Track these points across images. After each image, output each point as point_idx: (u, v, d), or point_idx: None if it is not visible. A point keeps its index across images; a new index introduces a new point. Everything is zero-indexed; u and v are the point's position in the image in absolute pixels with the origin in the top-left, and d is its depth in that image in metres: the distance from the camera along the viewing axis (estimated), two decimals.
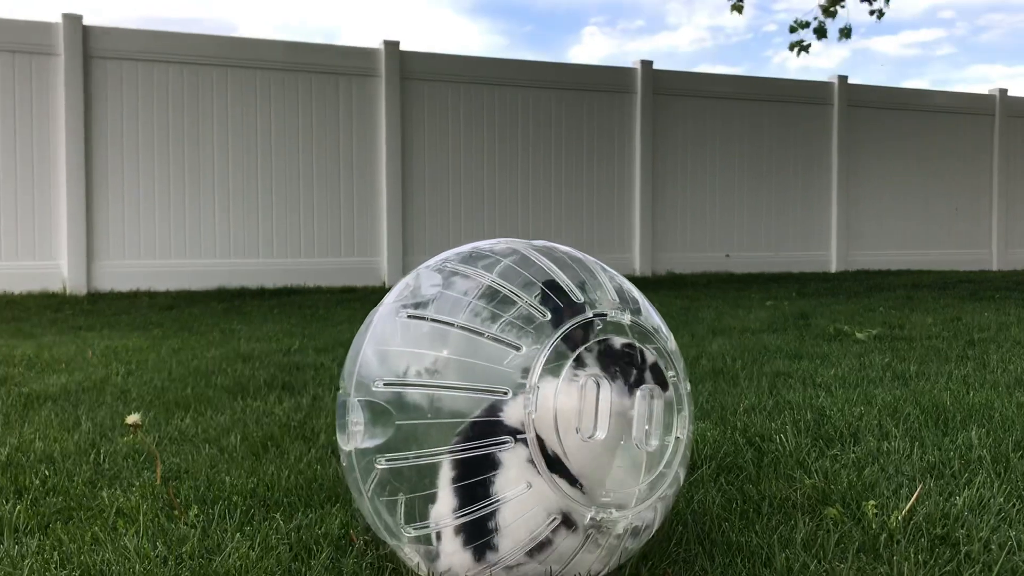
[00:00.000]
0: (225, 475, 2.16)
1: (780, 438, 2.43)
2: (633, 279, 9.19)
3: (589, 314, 1.46)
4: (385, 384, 1.44)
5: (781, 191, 10.51)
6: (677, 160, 9.99)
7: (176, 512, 1.89)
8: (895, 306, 6.11)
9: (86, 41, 7.62)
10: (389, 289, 1.62)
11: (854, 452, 2.30)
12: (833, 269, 10.66)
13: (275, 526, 1.80)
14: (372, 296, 7.31)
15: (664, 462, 1.48)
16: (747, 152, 10.34)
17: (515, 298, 1.46)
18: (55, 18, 7.57)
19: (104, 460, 2.33)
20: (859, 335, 4.54)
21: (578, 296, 1.48)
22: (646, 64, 9.74)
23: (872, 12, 10.12)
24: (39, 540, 1.74)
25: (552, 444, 1.39)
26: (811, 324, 5.10)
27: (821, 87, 10.68)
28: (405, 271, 8.75)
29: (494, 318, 1.44)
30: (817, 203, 10.67)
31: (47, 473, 2.20)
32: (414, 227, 8.81)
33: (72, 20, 7.55)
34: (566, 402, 1.40)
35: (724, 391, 3.16)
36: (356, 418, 1.48)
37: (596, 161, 9.63)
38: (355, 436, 1.48)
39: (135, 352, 4.22)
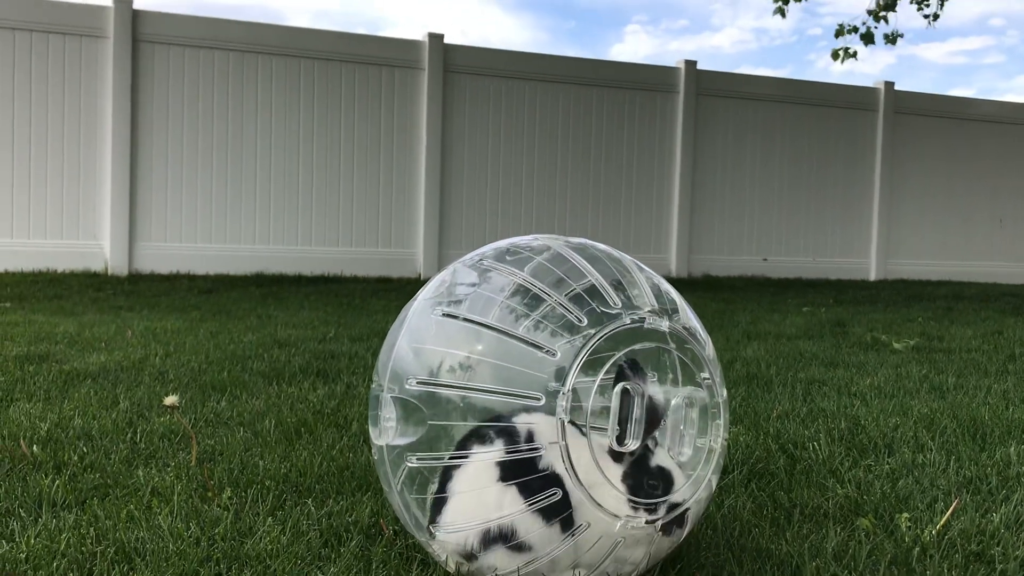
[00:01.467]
0: (259, 459, 2.19)
1: (813, 446, 2.41)
2: (669, 280, 9.12)
3: (626, 320, 1.45)
4: (418, 382, 1.44)
5: (821, 196, 10.39)
6: (717, 161, 9.92)
7: (210, 494, 1.92)
8: (934, 317, 6.02)
9: (135, 25, 7.73)
10: (424, 280, 1.62)
11: (888, 463, 2.27)
12: (872, 277, 10.53)
13: (306, 512, 1.82)
14: (407, 287, 7.34)
15: (697, 472, 1.47)
16: (788, 156, 10.24)
17: (550, 300, 1.45)
18: (106, 1, 7.68)
19: (141, 439, 2.37)
20: (896, 345, 4.48)
21: (615, 300, 1.47)
22: (690, 64, 9.68)
23: (926, 16, 9.97)
24: (76, 515, 1.78)
25: (584, 452, 1.38)
26: (848, 332, 5.04)
27: (866, 92, 10.54)
28: (441, 263, 8.80)
29: (529, 320, 1.43)
30: (857, 210, 10.54)
31: (85, 450, 2.24)
32: (451, 220, 8.83)
33: (122, 4, 7.65)
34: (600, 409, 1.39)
35: (758, 396, 3.14)
36: (388, 414, 1.48)
37: (635, 160, 9.59)
38: (387, 432, 1.49)
39: (173, 334, 4.28)
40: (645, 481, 1.41)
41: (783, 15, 9.77)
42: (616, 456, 1.40)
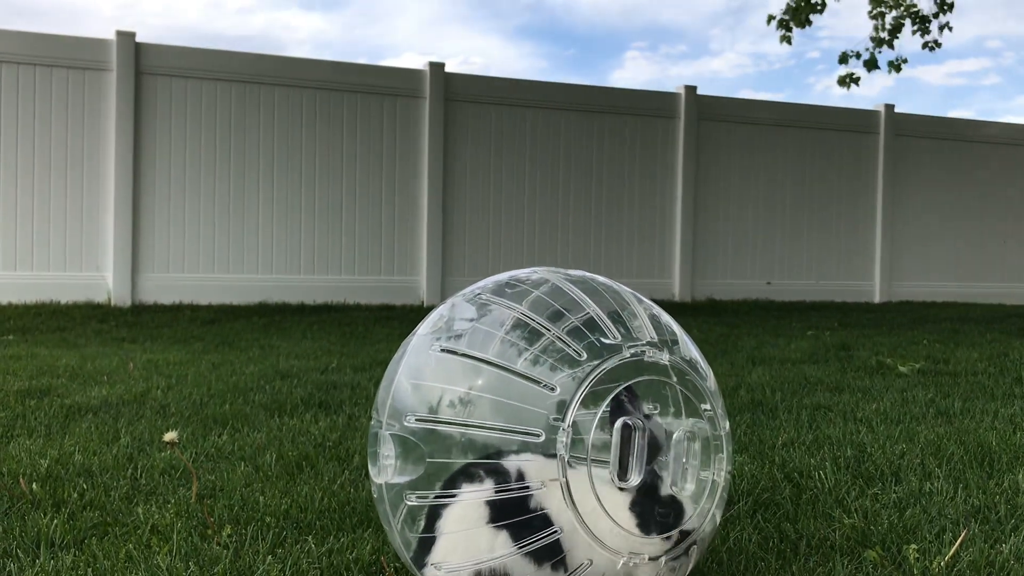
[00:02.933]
0: (259, 495, 2.17)
1: (819, 475, 2.39)
2: (672, 304, 9.14)
3: (626, 354, 1.44)
4: (417, 420, 1.43)
5: (824, 219, 10.39)
6: (719, 186, 9.93)
7: (210, 531, 1.90)
8: (940, 339, 5.99)
9: (138, 58, 7.78)
10: (427, 308, 1.61)
11: (895, 492, 2.25)
12: (876, 299, 10.50)
13: (307, 550, 1.80)
14: (410, 315, 7.33)
15: (701, 506, 1.46)
16: (790, 179, 10.25)
17: (549, 334, 1.44)
18: (109, 35, 7.74)
19: (141, 475, 2.35)
20: (902, 368, 4.45)
21: (615, 334, 1.46)
22: (690, 89, 9.71)
23: (926, 45, 10.04)
24: (74, 555, 1.76)
25: (585, 488, 1.37)
26: (853, 356, 5.02)
27: (867, 115, 10.56)
28: (444, 291, 8.80)
29: (528, 354, 1.42)
30: (861, 232, 10.53)
31: (85, 487, 2.22)
32: (454, 247, 8.84)
33: (125, 37, 7.71)
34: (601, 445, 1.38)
35: (763, 424, 3.12)
36: (388, 451, 1.47)
37: (637, 185, 9.60)
38: (386, 470, 1.47)
39: (176, 366, 4.27)
40: (655, 510, 1.39)
41: (789, 42, 9.90)
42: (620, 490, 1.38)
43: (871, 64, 9.94)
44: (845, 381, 4.10)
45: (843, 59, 10.11)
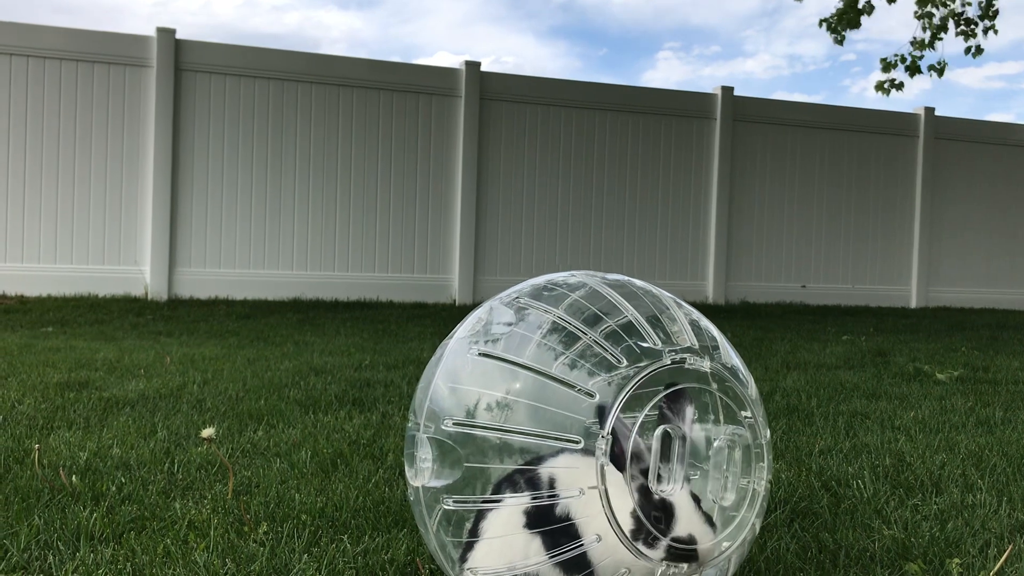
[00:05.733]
0: (295, 492, 2.18)
1: (857, 484, 2.36)
2: (706, 307, 9.08)
3: (666, 360, 1.42)
4: (455, 423, 1.42)
5: (860, 223, 10.27)
6: (755, 187, 9.85)
7: (246, 528, 1.91)
8: (978, 347, 5.90)
9: (178, 54, 7.86)
10: (459, 306, 1.61)
11: (936, 503, 2.21)
12: (913, 305, 10.36)
13: (342, 549, 1.81)
14: (443, 313, 7.34)
15: (741, 515, 1.44)
16: (827, 182, 10.15)
17: (586, 338, 1.43)
18: (150, 31, 7.83)
19: (178, 470, 2.37)
20: (940, 376, 4.39)
21: (654, 337, 1.44)
22: (727, 90, 9.64)
23: (968, 49, 9.89)
24: (113, 550, 1.78)
25: (623, 496, 1.36)
26: (889, 362, 4.95)
27: (906, 118, 10.42)
28: (476, 289, 8.81)
29: (566, 360, 1.41)
30: (898, 236, 10.40)
31: (123, 480, 2.24)
32: (486, 246, 8.84)
33: (166, 34, 7.80)
34: (640, 453, 1.36)
35: (799, 430, 3.08)
36: (425, 454, 1.46)
37: (672, 186, 9.55)
38: (423, 473, 1.47)
39: (211, 361, 4.31)
40: (650, 513, 1.36)
41: (840, 43, 9.85)
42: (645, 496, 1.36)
43: (913, 69, 9.82)
44: (882, 388, 4.05)
45: (887, 67, 9.98)
